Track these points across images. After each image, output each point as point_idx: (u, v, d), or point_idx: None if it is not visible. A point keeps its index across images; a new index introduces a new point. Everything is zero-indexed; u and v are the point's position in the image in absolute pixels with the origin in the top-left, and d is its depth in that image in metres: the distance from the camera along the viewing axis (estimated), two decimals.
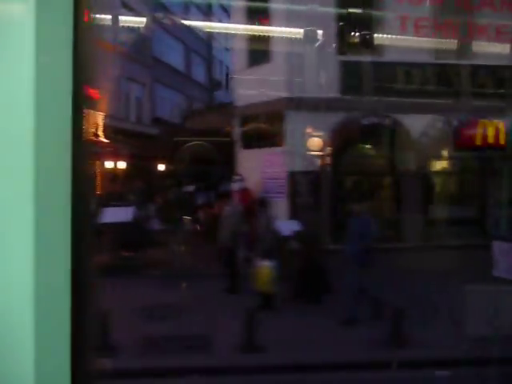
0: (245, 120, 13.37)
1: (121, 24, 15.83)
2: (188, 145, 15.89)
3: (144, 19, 17.02)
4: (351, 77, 11.97)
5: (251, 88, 12.75)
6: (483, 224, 12.80)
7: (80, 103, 1.11)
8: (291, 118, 11.99)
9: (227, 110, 13.98)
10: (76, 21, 1.08)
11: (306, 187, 11.86)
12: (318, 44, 11.93)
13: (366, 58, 12.07)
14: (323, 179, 11.92)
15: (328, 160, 11.90)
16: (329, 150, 11.84)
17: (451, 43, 12.43)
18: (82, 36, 1.10)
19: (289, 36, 12.02)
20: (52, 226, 1.06)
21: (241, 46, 13.40)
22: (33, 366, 1.01)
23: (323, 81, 11.81)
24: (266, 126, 12.57)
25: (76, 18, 1.08)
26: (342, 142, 11.78)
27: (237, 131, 13.57)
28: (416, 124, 12.16)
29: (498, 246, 12.44)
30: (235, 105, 13.67)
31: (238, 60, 13.87)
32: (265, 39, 12.43)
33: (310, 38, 11.52)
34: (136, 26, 16.82)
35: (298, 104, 11.73)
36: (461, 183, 13.66)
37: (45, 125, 1.02)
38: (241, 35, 13.18)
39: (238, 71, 13.89)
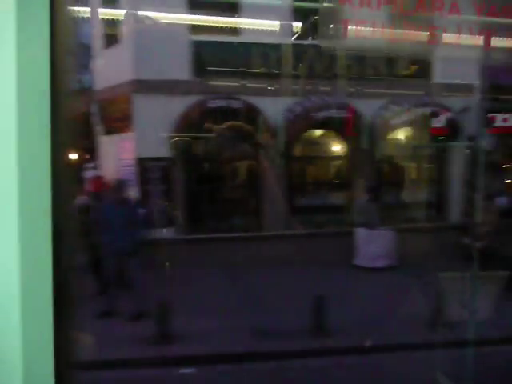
0: (100, 104, 12.76)
1: None
2: None
3: None
4: (205, 59, 11.47)
5: (105, 71, 12.17)
6: (349, 212, 12.43)
7: (58, 98, 1.14)
8: (140, 101, 11.41)
9: (85, 94, 13.37)
10: (52, 16, 1.12)
11: (156, 174, 11.33)
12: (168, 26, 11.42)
13: (220, 38, 11.56)
14: (175, 165, 11.42)
15: (180, 145, 11.38)
16: (180, 134, 11.32)
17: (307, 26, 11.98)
18: (59, 31, 1.13)
19: (140, 17, 11.47)
20: (34, 216, 1.09)
21: (97, 29, 12.77)
22: (20, 359, 1.07)
23: (175, 63, 11.27)
24: (118, 111, 12.00)
25: (52, 14, 1.12)
26: (192, 125, 11.24)
27: (95, 116, 12.96)
28: (275, 107, 11.69)
29: (360, 234, 12.17)
30: (92, 88, 13.06)
31: (95, 42, 13.22)
32: (117, 21, 11.87)
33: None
34: None
35: (147, 87, 11.17)
36: (328, 169, 13.27)
37: (26, 118, 1.06)
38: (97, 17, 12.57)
39: (95, 54, 13.26)
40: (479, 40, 13.36)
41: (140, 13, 11.57)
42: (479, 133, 13.26)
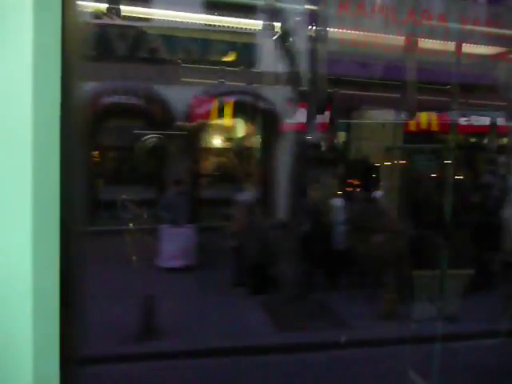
0: None
1: None
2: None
3: None
4: None
5: None
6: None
7: (69, 87, 1.17)
8: None
9: None
10: (64, 5, 1.15)
11: None
12: None
13: None
14: None
15: None
16: None
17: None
18: (71, 20, 1.16)
19: None
20: (43, 211, 1.12)
21: None
22: (28, 353, 1.11)
23: None
24: None
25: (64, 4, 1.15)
26: None
27: None
28: None
29: (162, 231, 11.26)
30: None
31: None
32: None
33: None
34: None
35: None
36: (143, 161, 12.32)
37: (40, 106, 1.09)
38: None
39: None
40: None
41: None
42: (307, 126, 12.58)
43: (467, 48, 12.83)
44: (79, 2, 1.25)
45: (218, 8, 11.11)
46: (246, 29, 11.38)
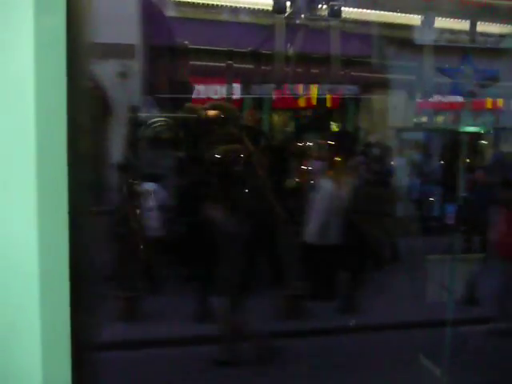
0: None
1: None
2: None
3: None
4: None
5: None
6: None
7: (75, 64, 1.12)
8: None
9: None
10: None
11: None
12: None
13: None
14: None
15: None
16: None
17: None
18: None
19: None
20: (52, 197, 1.07)
21: None
22: (38, 342, 1.04)
23: None
24: None
25: None
26: None
27: None
28: None
29: None
30: None
31: None
32: None
33: None
34: None
35: None
36: None
37: (43, 84, 1.03)
38: None
39: None
40: None
41: None
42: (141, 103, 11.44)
43: None
44: None
45: None
46: None
